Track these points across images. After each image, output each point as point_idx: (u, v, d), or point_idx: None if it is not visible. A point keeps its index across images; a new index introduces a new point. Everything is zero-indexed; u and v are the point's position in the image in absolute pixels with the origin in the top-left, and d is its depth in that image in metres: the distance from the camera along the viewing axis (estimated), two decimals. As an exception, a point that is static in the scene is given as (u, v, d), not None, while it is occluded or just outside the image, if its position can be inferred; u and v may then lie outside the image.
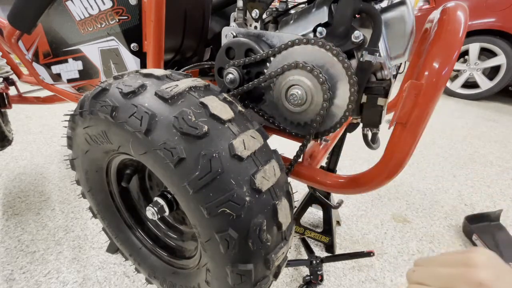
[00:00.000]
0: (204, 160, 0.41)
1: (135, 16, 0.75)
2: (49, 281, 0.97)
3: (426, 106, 0.47)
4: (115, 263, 1.04)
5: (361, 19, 0.54)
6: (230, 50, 0.59)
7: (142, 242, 0.80)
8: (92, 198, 0.77)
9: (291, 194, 0.52)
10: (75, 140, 0.65)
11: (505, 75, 3.05)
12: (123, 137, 0.49)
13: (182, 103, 0.45)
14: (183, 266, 0.71)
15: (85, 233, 1.17)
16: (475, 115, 2.90)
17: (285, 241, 0.50)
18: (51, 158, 1.74)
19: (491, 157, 2.01)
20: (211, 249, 0.48)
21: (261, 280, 0.49)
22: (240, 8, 0.61)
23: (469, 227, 1.24)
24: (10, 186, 1.46)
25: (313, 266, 0.98)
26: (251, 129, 0.48)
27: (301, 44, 0.49)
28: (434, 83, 0.46)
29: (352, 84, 0.47)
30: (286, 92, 0.52)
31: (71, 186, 1.48)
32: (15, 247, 1.10)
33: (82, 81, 0.99)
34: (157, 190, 0.81)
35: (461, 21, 0.49)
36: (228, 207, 0.42)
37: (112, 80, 0.52)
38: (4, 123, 1.43)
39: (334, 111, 0.51)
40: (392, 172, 0.53)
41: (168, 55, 0.90)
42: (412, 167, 1.82)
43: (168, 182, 0.47)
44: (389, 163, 0.52)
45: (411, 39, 0.52)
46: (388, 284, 1.01)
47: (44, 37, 0.97)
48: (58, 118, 2.28)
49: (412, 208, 1.43)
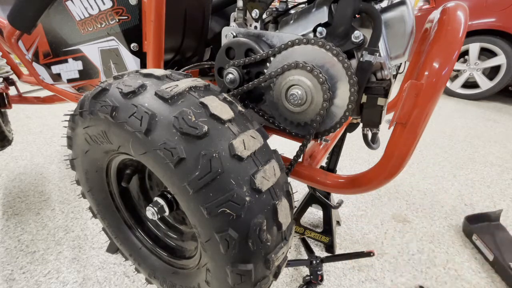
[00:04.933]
0: (204, 160, 0.41)
1: (135, 16, 0.75)
2: (49, 281, 0.97)
3: (426, 106, 0.47)
4: (115, 263, 1.04)
5: (361, 19, 0.54)
6: (230, 50, 0.59)
7: (142, 242, 0.80)
8: (92, 198, 0.77)
9: (291, 194, 0.52)
10: (75, 140, 0.65)
11: (505, 75, 3.05)
12: (123, 137, 0.49)
13: (182, 103, 0.45)
14: (183, 266, 0.71)
15: (85, 233, 1.17)
16: (475, 115, 2.90)
17: (285, 241, 0.50)
18: (51, 158, 1.74)
19: (491, 157, 2.01)
20: (211, 249, 0.48)
21: (261, 280, 0.49)
22: (240, 8, 0.61)
23: (469, 227, 1.24)
24: (10, 186, 1.46)
25: (313, 266, 0.98)
26: (251, 129, 0.48)
27: (301, 44, 0.49)
28: (434, 83, 0.46)
29: (352, 84, 0.47)
30: (286, 92, 0.52)
31: (71, 186, 1.48)
32: (15, 247, 1.10)
33: (82, 81, 0.99)
34: (157, 190, 0.81)
35: (461, 21, 0.49)
36: (228, 207, 0.42)
37: (112, 80, 0.52)
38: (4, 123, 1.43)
39: (334, 111, 0.51)
40: (392, 172, 0.53)
41: (168, 55, 0.90)
42: (412, 167, 1.82)
43: (168, 182, 0.47)
44: (389, 163, 0.52)
45: (411, 39, 0.52)
46: (388, 284, 1.01)
47: (44, 37, 0.97)
48: (58, 118, 2.28)
49: (412, 208, 1.43)
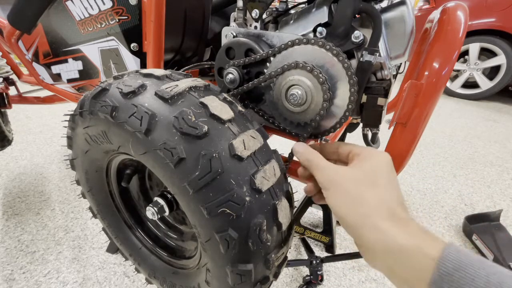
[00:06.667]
0: (204, 160, 0.41)
1: (135, 16, 0.75)
2: (49, 281, 0.97)
3: (426, 106, 0.47)
4: (115, 263, 1.04)
5: (361, 19, 0.54)
6: (230, 50, 0.59)
7: (142, 242, 0.80)
8: (92, 198, 0.77)
9: (291, 194, 0.52)
10: (75, 140, 0.65)
11: (505, 75, 3.05)
12: (123, 137, 0.49)
13: (182, 103, 0.45)
14: (183, 266, 0.71)
15: (85, 233, 1.17)
16: (475, 115, 2.90)
17: (285, 241, 0.50)
18: (51, 158, 1.74)
19: (491, 157, 2.01)
20: (211, 249, 0.48)
21: (261, 280, 0.49)
22: (240, 8, 0.61)
23: (469, 227, 1.24)
24: (10, 186, 1.46)
25: (313, 266, 0.98)
26: (251, 129, 0.48)
27: (301, 44, 0.49)
28: (434, 83, 0.46)
29: (352, 84, 0.47)
30: (286, 92, 0.52)
31: (71, 186, 1.48)
32: (15, 247, 1.10)
33: (82, 81, 0.99)
34: (157, 190, 0.81)
35: (461, 21, 0.49)
36: (228, 207, 0.42)
37: (112, 80, 0.52)
38: (4, 123, 1.43)
39: (334, 111, 0.51)
40: (392, 172, 0.53)
41: (168, 55, 0.90)
42: (412, 167, 1.82)
43: (168, 182, 0.46)
44: (389, 163, 0.52)
45: (411, 39, 0.52)
46: (388, 284, 1.01)
47: (44, 37, 0.97)
48: (58, 118, 2.28)
49: (412, 208, 1.43)
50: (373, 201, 0.37)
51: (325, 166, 0.43)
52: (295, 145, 0.49)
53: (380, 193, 0.38)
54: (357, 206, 0.37)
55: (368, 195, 0.38)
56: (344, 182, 0.40)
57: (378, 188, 0.38)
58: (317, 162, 0.44)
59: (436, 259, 0.29)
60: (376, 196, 0.37)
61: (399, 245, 0.33)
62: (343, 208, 0.39)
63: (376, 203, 0.37)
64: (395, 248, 0.33)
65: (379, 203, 0.37)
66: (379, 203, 0.37)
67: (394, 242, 0.33)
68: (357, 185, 0.39)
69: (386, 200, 0.37)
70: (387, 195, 0.38)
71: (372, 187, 0.38)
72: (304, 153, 0.47)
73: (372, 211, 0.36)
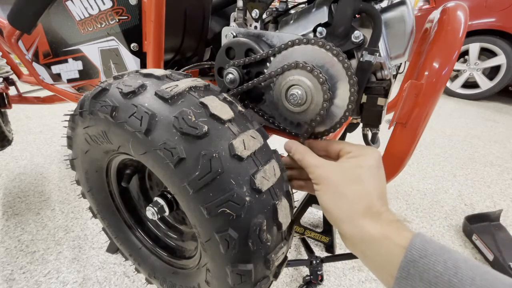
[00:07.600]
0: (204, 160, 0.41)
1: (135, 16, 0.75)
2: (49, 281, 0.97)
3: (426, 106, 0.47)
4: (115, 263, 1.04)
5: (361, 19, 0.54)
6: (230, 50, 0.59)
7: (142, 242, 0.80)
8: (92, 198, 0.77)
9: (291, 194, 0.52)
10: (75, 140, 0.65)
11: (505, 75, 3.05)
12: (123, 137, 0.49)
13: (182, 103, 0.45)
14: (183, 266, 0.71)
15: (85, 233, 1.17)
16: (475, 115, 2.90)
17: (285, 241, 0.50)
18: (51, 158, 1.74)
19: (491, 157, 2.01)
20: (211, 249, 0.48)
21: (261, 280, 0.49)
22: (240, 8, 0.61)
23: (469, 227, 1.24)
24: (10, 186, 1.46)
25: (313, 266, 0.98)
26: (251, 129, 0.48)
27: (301, 44, 0.49)
28: (434, 83, 0.46)
29: (352, 84, 0.47)
30: (286, 92, 0.52)
31: (71, 186, 1.48)
32: (15, 247, 1.10)
33: (82, 81, 0.99)
34: (157, 190, 0.81)
35: (461, 21, 0.49)
36: (228, 207, 0.42)
37: (112, 80, 0.52)
38: (4, 123, 1.43)
39: (334, 111, 0.51)
40: (391, 172, 0.53)
41: (168, 55, 0.90)
42: (412, 167, 1.82)
43: (168, 182, 0.46)
44: (389, 163, 0.52)
45: (411, 39, 0.52)
46: (388, 284, 1.01)
47: (44, 37, 0.97)
48: (58, 118, 2.28)
49: (412, 208, 1.43)
50: (353, 196, 0.40)
51: (316, 163, 0.45)
52: (287, 142, 0.52)
53: (361, 188, 0.41)
54: (339, 201, 0.41)
55: (350, 191, 0.40)
56: (331, 178, 0.42)
57: (360, 184, 0.41)
58: (308, 159, 0.47)
59: (404, 247, 0.33)
60: (357, 192, 0.40)
61: (371, 236, 0.37)
62: (328, 203, 0.42)
63: (356, 199, 0.40)
64: (369, 238, 0.37)
65: (359, 198, 0.40)
66: (359, 198, 0.40)
67: (367, 234, 0.38)
68: (342, 181, 0.42)
69: (366, 196, 0.40)
70: (368, 190, 0.40)
71: (355, 183, 0.41)
72: (296, 150, 0.49)
73: (351, 206, 0.40)
